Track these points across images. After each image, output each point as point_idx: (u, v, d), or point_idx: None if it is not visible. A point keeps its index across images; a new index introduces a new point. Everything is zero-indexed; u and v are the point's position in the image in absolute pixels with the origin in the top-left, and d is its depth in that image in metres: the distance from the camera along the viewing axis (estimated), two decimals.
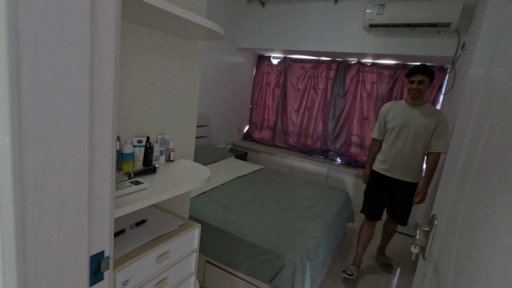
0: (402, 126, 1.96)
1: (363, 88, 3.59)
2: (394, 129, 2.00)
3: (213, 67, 3.52)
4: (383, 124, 2.11)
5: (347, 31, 3.09)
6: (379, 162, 2.12)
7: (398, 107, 2.04)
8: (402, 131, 1.97)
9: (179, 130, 1.22)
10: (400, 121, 1.97)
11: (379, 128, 2.14)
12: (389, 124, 2.04)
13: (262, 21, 3.60)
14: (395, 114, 2.02)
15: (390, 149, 2.03)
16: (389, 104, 2.11)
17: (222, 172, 2.72)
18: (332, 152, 3.80)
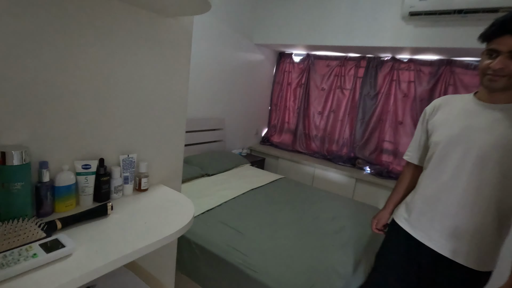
0: (456, 139, 0.99)
1: (397, 88, 3.13)
2: (437, 144, 1.05)
3: (229, 65, 3.23)
4: (424, 134, 1.16)
5: (381, 22, 2.66)
6: (404, 208, 1.18)
7: (456, 104, 1.07)
8: (453, 149, 1.00)
9: (157, 146, 0.91)
10: (454, 129, 1.01)
11: (418, 143, 1.20)
12: (434, 135, 1.08)
13: (283, 14, 3.26)
14: (448, 116, 1.05)
15: (428, 183, 1.08)
16: (441, 99, 1.14)
17: (234, 182, 2.41)
18: (360, 160, 3.37)
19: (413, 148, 1.23)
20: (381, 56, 3.20)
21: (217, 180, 2.42)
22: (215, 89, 3.11)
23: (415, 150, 1.22)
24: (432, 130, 1.10)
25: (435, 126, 1.08)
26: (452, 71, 2.83)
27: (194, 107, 2.90)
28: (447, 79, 2.86)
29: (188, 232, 1.58)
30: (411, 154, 1.24)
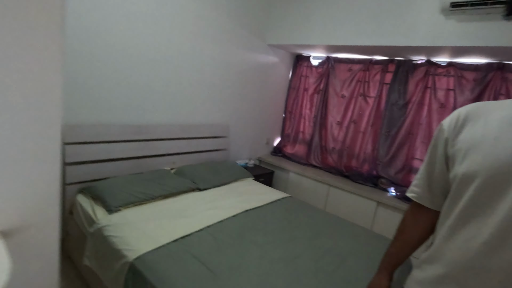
0: (504, 172, 0.59)
1: (433, 97, 2.63)
2: (472, 179, 0.64)
3: (236, 67, 2.92)
4: (442, 163, 0.75)
5: (414, 17, 2.22)
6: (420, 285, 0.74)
7: (494, 115, 0.66)
8: (502, 188, 0.59)
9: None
10: (500, 155, 0.60)
11: (430, 175, 0.79)
12: (463, 163, 0.66)
13: (300, 11, 2.90)
14: (484, 134, 0.64)
15: (455, 247, 0.66)
16: (467, 108, 0.72)
17: (227, 200, 2.05)
18: (383, 180, 2.88)
19: (422, 182, 0.81)
20: (413, 59, 2.72)
21: (207, 197, 2.08)
22: (219, 92, 2.81)
23: (426, 184, 0.80)
24: (456, 156, 0.68)
25: (462, 150, 0.67)
26: (504, 77, 2.30)
27: (192, 111, 2.61)
28: (496, 87, 2.32)
29: (145, 266, 1.25)
30: (419, 191, 0.82)
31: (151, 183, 1.96)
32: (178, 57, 2.37)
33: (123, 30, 1.98)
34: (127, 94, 2.11)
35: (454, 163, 0.69)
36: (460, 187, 0.66)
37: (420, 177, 0.82)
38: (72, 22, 1.73)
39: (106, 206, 1.68)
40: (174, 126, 2.43)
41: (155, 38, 2.18)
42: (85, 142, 1.88)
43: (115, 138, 2.03)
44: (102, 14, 1.86)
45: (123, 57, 2.03)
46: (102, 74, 1.95)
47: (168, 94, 2.38)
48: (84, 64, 1.85)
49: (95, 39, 1.87)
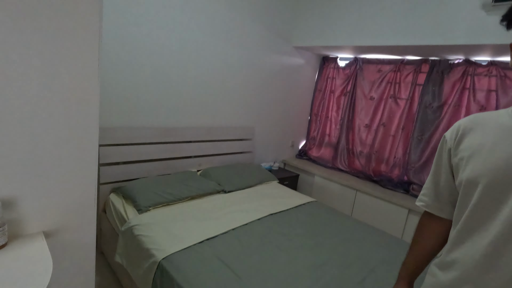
0: (504, 176, 0.62)
1: (472, 98, 2.46)
2: (475, 184, 0.67)
3: (262, 69, 2.92)
4: (447, 172, 0.78)
5: (451, 14, 2.09)
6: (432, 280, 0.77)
7: (491, 124, 0.69)
8: (503, 192, 0.62)
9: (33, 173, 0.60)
10: (498, 159, 0.63)
11: (437, 184, 0.82)
12: (466, 169, 0.70)
13: (327, 11, 2.84)
14: (484, 142, 0.68)
15: (466, 252, 0.68)
16: (466, 120, 0.76)
17: (253, 203, 2.05)
18: (415, 186, 2.73)
19: (429, 191, 0.85)
20: (450, 59, 2.57)
21: (233, 199, 2.09)
22: (244, 95, 2.83)
23: (433, 194, 0.84)
24: (459, 165, 0.73)
25: (464, 159, 0.71)
26: None
27: (218, 114, 2.65)
28: None
29: (173, 266, 1.28)
30: (427, 200, 0.85)
31: (178, 185, 2.01)
32: (205, 61, 2.42)
33: (153, 38, 2.06)
34: (157, 98, 2.19)
35: (458, 171, 0.73)
36: (465, 192, 0.70)
37: (428, 186, 0.86)
38: (107, 32, 1.82)
39: (136, 206, 1.75)
40: (201, 128, 2.48)
41: (183, 44, 2.24)
42: (118, 144, 1.97)
43: (145, 140, 2.11)
44: (135, 23, 1.95)
45: (153, 63, 2.11)
46: (134, 80, 2.04)
47: (195, 98, 2.43)
48: (117, 71, 1.94)
49: (127, 47, 1.95)
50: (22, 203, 0.59)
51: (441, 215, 0.82)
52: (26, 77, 0.56)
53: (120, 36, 1.90)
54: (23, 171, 0.59)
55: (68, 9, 0.57)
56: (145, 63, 2.07)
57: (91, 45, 0.61)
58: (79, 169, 0.65)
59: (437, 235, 0.84)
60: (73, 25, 0.59)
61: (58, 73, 0.60)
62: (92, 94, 0.65)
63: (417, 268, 0.87)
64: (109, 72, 1.91)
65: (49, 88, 0.59)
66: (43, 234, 0.61)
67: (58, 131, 0.61)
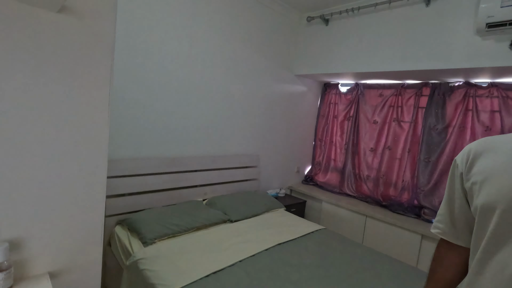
0: None
1: (476, 119, 2.46)
2: (491, 211, 0.64)
3: (265, 98, 2.99)
4: (461, 197, 0.76)
5: (448, 40, 2.15)
6: None
7: (504, 148, 0.69)
8: None
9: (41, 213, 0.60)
10: (510, 189, 0.62)
11: (451, 210, 0.79)
12: (480, 195, 0.68)
13: (327, 41, 2.96)
14: (498, 165, 0.67)
15: (487, 275, 0.65)
16: (477, 144, 0.75)
17: (260, 233, 2.00)
18: (427, 210, 2.65)
19: (444, 217, 0.81)
20: (450, 82, 2.61)
21: (239, 229, 2.05)
22: (249, 123, 2.87)
23: (450, 220, 0.80)
24: (473, 189, 0.70)
25: (477, 184, 0.69)
26: None
27: (223, 142, 2.68)
28: None
29: None
30: (443, 227, 0.81)
31: (184, 215, 1.99)
32: (210, 92, 2.49)
33: (159, 70, 2.15)
34: (163, 129, 2.23)
35: (473, 197, 0.71)
36: (482, 219, 0.67)
37: (442, 212, 0.82)
38: (116, 66, 1.91)
39: (141, 238, 1.72)
40: (206, 157, 2.49)
41: (189, 76, 2.33)
42: (124, 176, 1.98)
43: (151, 171, 2.12)
44: (143, 57, 2.05)
45: (159, 94, 2.18)
46: (140, 112, 2.10)
47: (201, 127, 2.47)
48: (124, 104, 2.01)
49: (134, 80, 2.04)
50: (29, 244, 0.58)
51: (459, 242, 0.78)
52: (38, 118, 0.59)
53: (128, 70, 1.99)
54: (31, 212, 0.59)
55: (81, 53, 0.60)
56: (152, 95, 2.14)
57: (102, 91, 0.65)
58: (86, 209, 0.65)
59: (456, 265, 0.79)
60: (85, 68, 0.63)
61: (69, 115, 0.62)
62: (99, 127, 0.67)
63: None
64: (116, 105, 1.97)
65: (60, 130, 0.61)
66: (48, 275, 0.60)
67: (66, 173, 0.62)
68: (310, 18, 3.02)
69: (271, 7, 2.85)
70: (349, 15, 2.73)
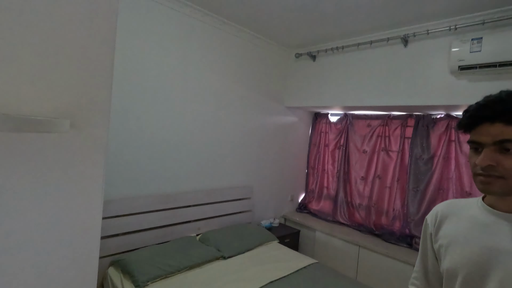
0: (478, 269, 0.68)
1: (459, 150, 2.56)
2: (455, 275, 0.72)
3: (257, 130, 3.09)
4: (432, 255, 0.83)
5: (427, 79, 2.29)
6: None
7: (463, 214, 0.78)
8: (479, 283, 0.67)
9: None
10: (472, 253, 0.69)
11: (425, 267, 0.86)
12: (446, 259, 0.76)
13: (315, 76, 3.11)
14: (457, 233, 0.75)
15: None
16: (442, 206, 0.85)
17: (252, 269, 2.02)
18: (418, 240, 2.69)
19: (420, 274, 0.87)
20: (432, 114, 2.74)
21: (232, 266, 2.07)
22: (241, 155, 2.95)
23: (423, 278, 0.86)
24: (440, 252, 0.79)
25: (443, 247, 0.77)
26: None
27: (216, 176, 2.73)
28: None
29: None
30: (418, 284, 0.87)
31: (177, 254, 2.01)
32: (203, 127, 2.58)
33: (152, 109, 2.24)
34: (156, 166, 2.29)
35: (440, 258, 0.78)
36: (448, 281, 0.74)
37: (418, 269, 0.88)
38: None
39: (134, 281, 1.74)
40: (200, 192, 2.54)
41: (181, 113, 2.42)
42: (117, 216, 2.02)
43: (145, 209, 2.16)
44: (134, 95, 2.14)
45: (153, 132, 2.26)
46: (132, 152, 2.16)
47: (194, 162, 2.54)
48: (116, 144, 2.07)
49: (126, 119, 2.11)
50: None
51: None
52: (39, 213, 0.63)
53: (121, 110, 2.07)
54: None
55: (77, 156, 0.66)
56: (144, 134, 2.21)
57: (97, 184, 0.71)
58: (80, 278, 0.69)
59: None
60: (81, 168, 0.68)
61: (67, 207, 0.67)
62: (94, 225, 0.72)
63: None
64: (108, 145, 2.04)
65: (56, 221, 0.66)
66: None
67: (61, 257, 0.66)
68: (298, 55, 3.19)
69: (261, 45, 3.01)
70: (334, 52, 2.90)
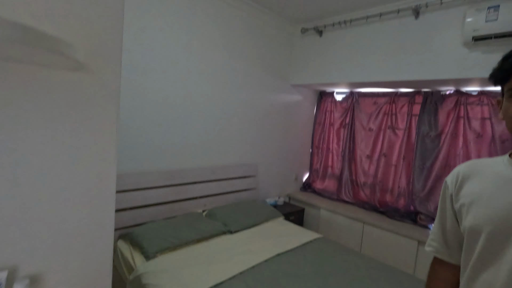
0: (505, 225, 0.65)
1: (468, 127, 2.52)
2: (478, 232, 0.70)
3: (262, 108, 3.05)
4: (452, 216, 0.80)
5: (437, 52, 2.23)
6: None
7: (488, 172, 0.75)
8: (505, 240, 0.65)
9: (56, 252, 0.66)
10: (497, 209, 0.67)
11: (443, 229, 0.83)
12: (468, 217, 0.73)
13: (320, 52, 3.03)
14: (483, 190, 0.72)
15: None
16: (464, 166, 0.81)
17: (259, 243, 2.05)
18: (423, 216, 2.71)
19: (437, 236, 0.85)
20: (441, 90, 2.68)
21: (239, 240, 2.09)
22: (246, 133, 2.93)
23: (442, 239, 0.84)
24: (461, 211, 0.75)
25: (465, 206, 0.74)
26: None
27: (222, 153, 2.73)
28: None
29: None
30: (436, 245, 0.85)
31: (184, 228, 2.03)
32: (209, 104, 2.55)
33: (158, 85, 2.20)
34: (163, 142, 2.28)
35: (462, 218, 0.76)
36: (470, 239, 0.72)
37: (435, 231, 0.86)
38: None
39: (143, 252, 1.77)
40: (205, 169, 2.54)
41: (187, 89, 2.38)
42: (126, 190, 2.03)
43: (152, 185, 2.17)
44: (140, 72, 2.10)
45: (158, 109, 2.23)
46: (140, 127, 2.15)
47: (200, 139, 2.53)
48: (124, 120, 2.06)
49: (133, 96, 2.09)
50: (46, 278, 0.64)
51: (451, 261, 0.81)
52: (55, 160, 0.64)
53: (128, 87, 2.03)
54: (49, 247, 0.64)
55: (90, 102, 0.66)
56: (151, 111, 2.19)
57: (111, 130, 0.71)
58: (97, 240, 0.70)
59: (449, 281, 0.82)
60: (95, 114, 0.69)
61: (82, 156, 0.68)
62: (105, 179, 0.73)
63: None
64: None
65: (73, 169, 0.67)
66: None
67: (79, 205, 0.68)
68: (304, 30, 3.09)
69: (267, 20, 2.92)
70: (342, 27, 2.81)
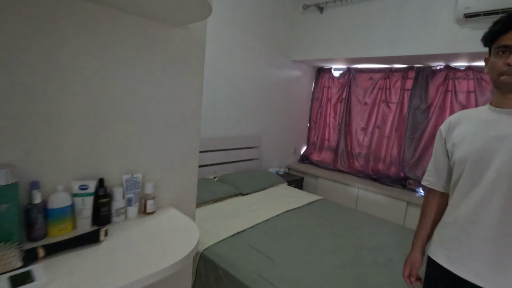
0: (483, 152, 0.89)
1: (454, 100, 2.77)
2: (464, 162, 0.93)
3: (265, 82, 3.20)
4: (444, 156, 1.03)
5: (431, 28, 2.42)
6: (437, 242, 1.02)
7: (472, 118, 0.97)
8: (482, 163, 0.88)
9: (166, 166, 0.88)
10: (477, 143, 0.90)
11: (438, 167, 1.05)
12: (456, 152, 0.96)
13: (321, 28, 3.17)
14: (467, 132, 0.95)
15: (461, 207, 0.94)
16: (455, 115, 1.03)
17: (269, 203, 2.28)
18: (411, 181, 3.00)
19: (432, 173, 1.09)
20: (432, 65, 2.90)
21: (251, 200, 2.32)
22: (251, 106, 3.09)
23: (436, 174, 1.08)
24: (452, 149, 0.98)
25: (455, 144, 0.97)
26: None
27: (229, 125, 2.90)
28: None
29: (214, 255, 1.50)
30: (431, 180, 1.09)
31: (201, 190, 2.22)
32: (215, 79, 2.68)
33: None
34: None
35: (452, 154, 0.98)
36: (458, 169, 0.95)
37: (430, 169, 1.09)
38: None
39: None
40: (215, 139, 2.72)
41: None
42: None
43: None
44: None
45: None
46: None
47: (208, 111, 2.67)
48: None
49: None
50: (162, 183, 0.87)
51: (442, 190, 1.06)
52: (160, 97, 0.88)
53: None
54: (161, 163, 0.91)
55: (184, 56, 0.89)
56: None
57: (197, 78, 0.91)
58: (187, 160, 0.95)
59: (440, 207, 1.07)
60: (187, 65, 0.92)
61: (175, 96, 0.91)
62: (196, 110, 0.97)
63: (426, 235, 1.10)
64: None
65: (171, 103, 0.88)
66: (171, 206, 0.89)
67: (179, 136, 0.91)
68: (306, 6, 3.20)
69: None
70: (343, 3, 2.94)
